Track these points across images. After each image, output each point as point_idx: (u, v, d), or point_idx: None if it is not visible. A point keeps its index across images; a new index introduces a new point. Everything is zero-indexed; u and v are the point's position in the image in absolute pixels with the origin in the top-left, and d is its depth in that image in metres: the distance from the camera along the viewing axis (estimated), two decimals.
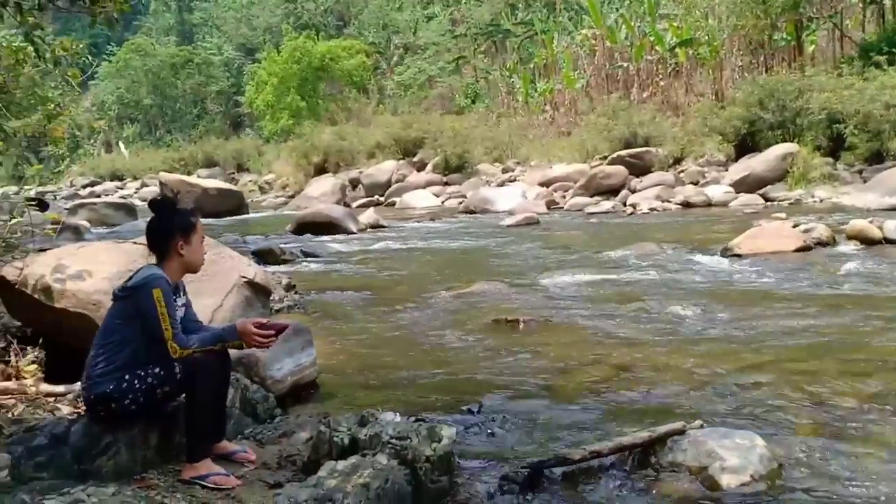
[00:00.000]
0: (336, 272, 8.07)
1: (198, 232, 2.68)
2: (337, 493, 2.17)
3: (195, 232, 2.66)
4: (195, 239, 2.66)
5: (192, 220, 2.69)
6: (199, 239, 2.69)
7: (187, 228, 2.65)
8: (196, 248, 2.68)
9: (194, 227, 2.67)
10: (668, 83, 23.09)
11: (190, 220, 2.68)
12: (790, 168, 13.67)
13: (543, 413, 3.34)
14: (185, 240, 2.64)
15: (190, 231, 2.65)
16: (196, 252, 2.68)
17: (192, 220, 2.69)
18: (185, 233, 2.64)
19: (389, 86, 34.78)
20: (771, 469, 2.60)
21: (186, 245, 2.64)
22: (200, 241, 2.70)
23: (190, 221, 2.68)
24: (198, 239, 2.68)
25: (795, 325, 4.69)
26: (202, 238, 2.72)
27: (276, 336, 2.66)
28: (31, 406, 3.08)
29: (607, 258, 7.98)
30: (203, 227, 2.75)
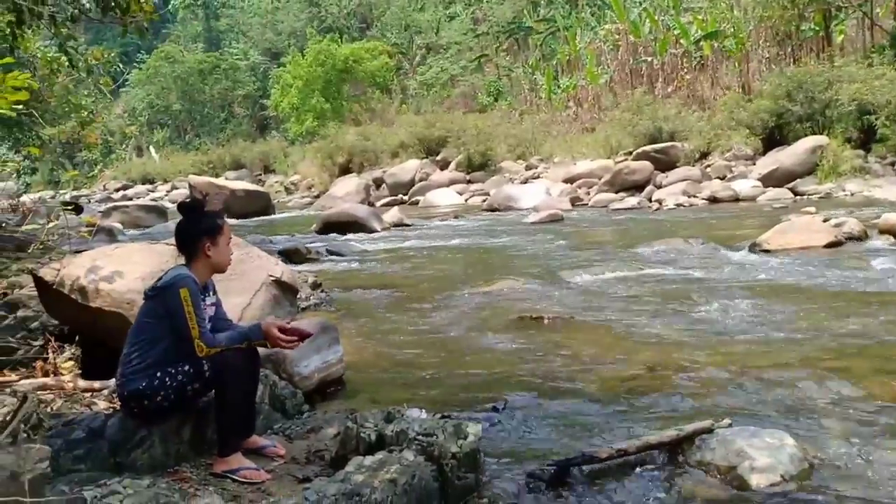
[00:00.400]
0: (361, 271, 8.12)
1: (224, 234, 2.72)
2: (365, 488, 2.19)
3: (221, 234, 2.71)
4: (221, 240, 2.71)
5: (219, 222, 2.74)
6: (225, 240, 2.73)
7: (214, 231, 2.70)
8: (222, 249, 2.72)
9: (221, 228, 2.72)
10: (693, 77, 22.83)
11: (216, 223, 2.73)
12: (820, 161, 13.44)
13: (569, 411, 3.32)
14: (212, 241, 2.69)
15: (216, 233, 2.70)
16: (222, 253, 2.72)
17: (218, 222, 2.74)
18: (212, 235, 2.69)
19: (412, 85, 34.87)
20: (802, 469, 2.55)
21: (213, 247, 2.69)
22: (227, 243, 2.74)
23: (216, 224, 2.73)
24: (224, 240, 2.72)
25: (826, 323, 4.60)
26: (229, 239, 2.76)
27: (301, 341, 2.70)
28: (68, 401, 3.17)
29: (633, 255, 7.92)
30: (230, 228, 2.80)
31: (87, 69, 8.55)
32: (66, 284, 3.70)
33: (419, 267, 8.13)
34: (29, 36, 6.84)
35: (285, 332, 2.64)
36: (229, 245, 2.76)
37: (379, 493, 2.18)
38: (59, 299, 3.78)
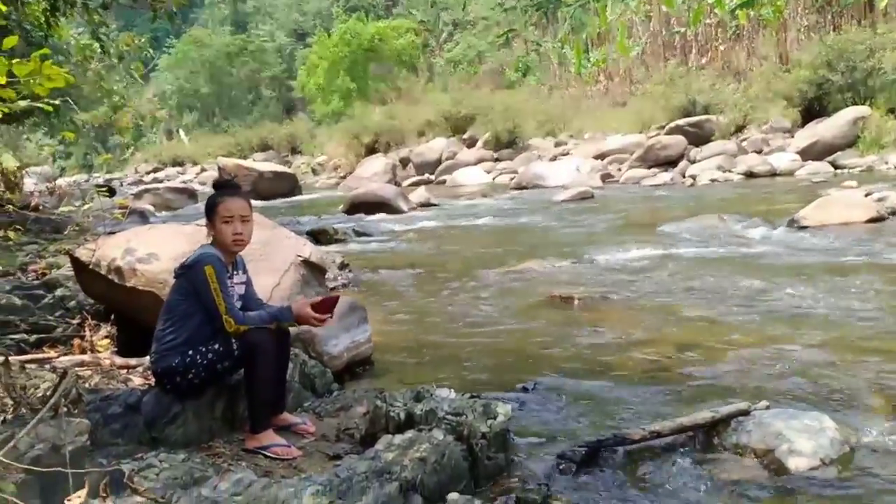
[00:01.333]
0: (388, 251, 8.12)
1: (218, 213, 2.63)
2: (394, 465, 2.19)
3: (215, 213, 2.64)
4: (216, 220, 2.64)
5: (215, 200, 2.66)
6: (220, 220, 2.63)
7: (208, 210, 2.67)
8: (218, 227, 2.64)
9: (214, 207, 2.65)
10: (728, 47, 22.27)
11: (211, 203, 2.67)
12: (861, 133, 13.05)
13: (600, 392, 3.25)
14: (210, 221, 2.67)
15: (210, 213, 2.66)
16: (220, 232, 2.64)
17: (214, 200, 2.66)
18: (208, 215, 2.67)
19: (439, 63, 34.63)
20: (843, 453, 2.47)
21: (212, 226, 2.67)
22: (222, 221, 2.63)
23: (212, 202, 2.67)
24: (219, 220, 2.63)
25: (868, 302, 4.45)
26: (226, 219, 2.63)
27: (331, 312, 2.69)
28: (105, 377, 3.24)
29: (665, 232, 7.78)
30: (238, 206, 2.66)
31: (118, 55, 8.71)
32: (101, 264, 3.79)
33: (446, 247, 8.10)
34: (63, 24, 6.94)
35: (315, 309, 2.63)
36: (229, 223, 2.63)
37: (409, 472, 2.18)
38: (95, 279, 3.87)
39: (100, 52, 8.38)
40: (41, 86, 1.87)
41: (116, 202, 6.99)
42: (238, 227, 2.65)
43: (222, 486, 1.92)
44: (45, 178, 15.86)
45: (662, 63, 22.84)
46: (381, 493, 2.05)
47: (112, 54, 8.45)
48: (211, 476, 2.01)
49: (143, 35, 11.12)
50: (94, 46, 8.29)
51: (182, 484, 1.90)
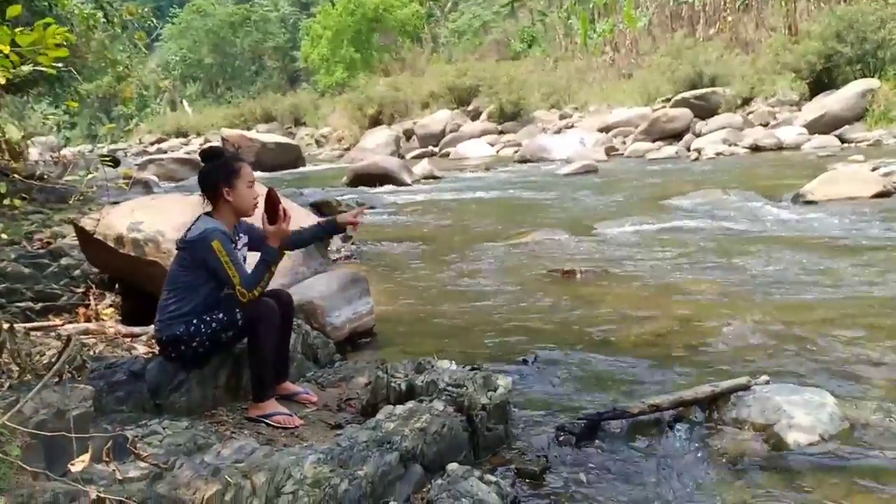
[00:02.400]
0: (391, 223, 8.12)
1: (242, 177, 2.67)
2: (395, 435, 2.22)
3: (238, 177, 2.67)
4: (240, 184, 2.67)
5: (235, 165, 2.70)
6: (244, 184, 2.67)
7: (230, 174, 2.67)
8: (242, 192, 2.67)
9: (237, 172, 2.67)
10: (736, 18, 21.92)
11: (233, 166, 2.69)
12: (870, 106, 12.89)
13: (601, 365, 3.27)
14: (230, 185, 2.67)
15: (233, 177, 2.67)
16: (243, 196, 2.68)
17: (234, 165, 2.69)
18: (228, 179, 2.67)
19: (443, 33, 34.23)
20: (842, 429, 2.47)
21: (232, 191, 2.67)
22: (247, 186, 2.68)
23: (232, 167, 2.69)
24: (243, 184, 2.67)
25: (872, 278, 4.43)
26: (250, 183, 2.69)
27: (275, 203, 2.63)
28: (109, 345, 3.28)
29: (669, 206, 7.75)
30: (251, 172, 2.73)
31: (122, 25, 8.64)
32: (105, 234, 3.82)
33: (449, 219, 8.10)
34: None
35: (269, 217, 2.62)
36: (251, 188, 2.70)
37: (409, 442, 2.21)
38: (99, 248, 3.90)
39: (103, 21, 8.32)
40: (46, 55, 1.86)
41: (121, 172, 6.99)
42: (255, 191, 2.69)
43: (225, 452, 1.95)
44: (49, 147, 15.85)
45: (669, 34, 22.55)
46: (382, 462, 2.07)
47: (116, 24, 8.39)
48: (214, 443, 2.04)
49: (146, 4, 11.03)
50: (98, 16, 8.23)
51: (185, 450, 1.94)
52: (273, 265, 2.63)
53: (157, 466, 1.74)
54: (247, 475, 1.82)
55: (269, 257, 2.63)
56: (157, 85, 32.76)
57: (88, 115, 42.44)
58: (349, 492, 1.92)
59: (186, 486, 1.72)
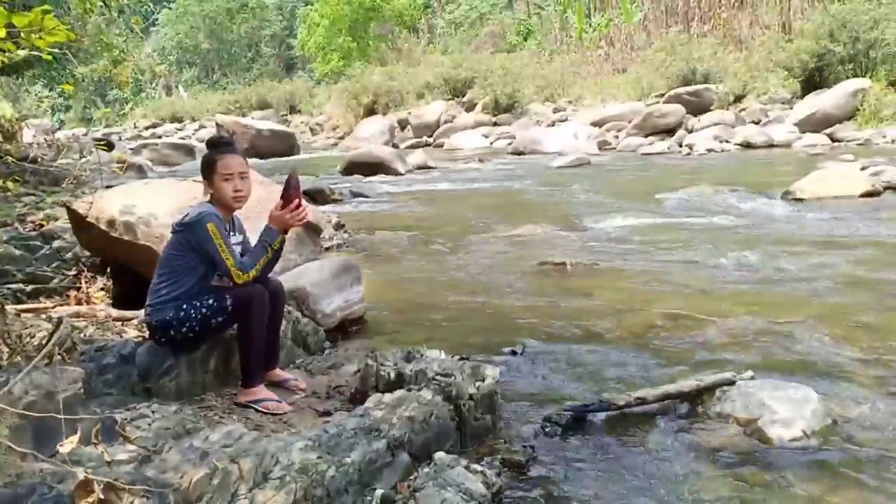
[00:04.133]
0: (384, 212, 8.12)
1: (217, 170, 2.64)
2: (383, 423, 2.24)
3: (214, 171, 2.64)
4: (215, 178, 2.64)
5: (212, 157, 2.66)
6: (220, 177, 2.64)
7: (206, 168, 2.67)
8: (218, 185, 2.64)
9: (212, 165, 2.65)
10: (730, 15, 21.96)
11: (209, 159, 2.67)
12: (861, 105, 12.95)
13: (589, 357, 3.29)
14: (208, 179, 2.67)
15: (209, 170, 2.66)
16: (219, 189, 2.65)
17: (211, 158, 2.67)
18: (206, 173, 2.67)
19: (440, 24, 34.11)
20: (824, 425, 2.49)
21: (210, 185, 2.67)
22: (222, 179, 2.64)
23: (209, 160, 2.67)
24: (219, 177, 2.64)
25: (859, 276, 4.47)
26: (226, 176, 2.64)
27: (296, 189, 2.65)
28: (100, 329, 3.28)
29: (660, 201, 7.78)
30: (235, 163, 2.66)
31: (118, 8, 8.59)
32: (98, 217, 3.82)
33: (442, 210, 8.10)
34: None
35: (284, 202, 2.63)
36: (229, 181, 2.64)
37: (397, 430, 2.23)
38: (92, 232, 3.90)
39: (100, 5, 8.27)
40: (42, 39, 1.86)
41: (115, 156, 6.98)
42: (238, 183, 2.66)
43: (213, 437, 1.97)
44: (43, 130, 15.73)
45: (664, 29, 22.54)
46: (369, 449, 2.09)
47: (112, 7, 8.34)
48: (202, 428, 2.05)
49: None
50: None
51: (173, 434, 1.95)
52: (270, 248, 2.63)
53: (146, 449, 1.75)
54: (234, 460, 1.83)
55: (267, 240, 2.63)
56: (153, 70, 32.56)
57: (83, 99, 42.13)
58: (336, 478, 1.93)
59: (174, 470, 1.73)
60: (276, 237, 2.65)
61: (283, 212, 2.63)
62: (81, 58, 10.75)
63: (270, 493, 1.79)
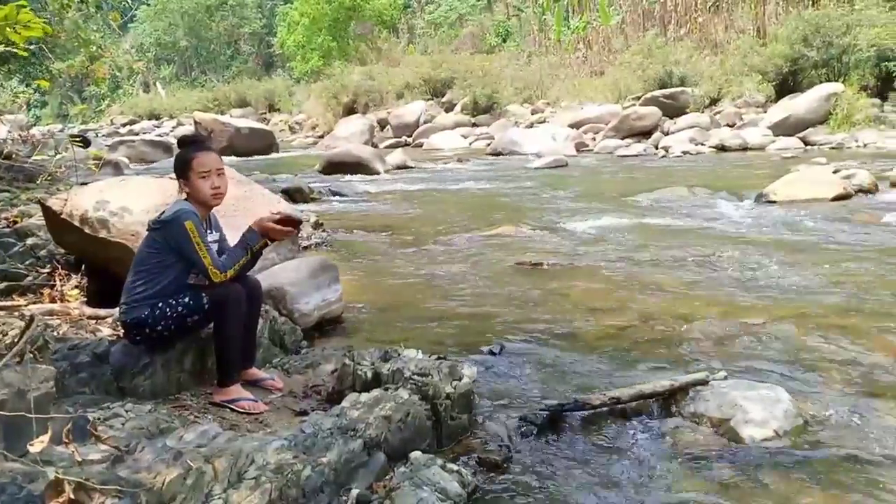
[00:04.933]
0: (363, 212, 8.10)
1: (193, 168, 2.62)
2: (359, 423, 2.23)
3: (190, 168, 2.63)
4: (192, 175, 2.63)
5: (188, 156, 2.65)
6: (196, 175, 2.63)
7: (182, 166, 2.65)
8: (194, 183, 2.63)
9: (188, 163, 2.63)
10: (706, 19, 22.22)
11: (184, 158, 2.65)
12: (833, 110, 13.17)
13: (565, 357, 3.31)
14: (183, 177, 2.66)
15: (184, 168, 2.64)
16: (196, 188, 2.63)
17: (186, 156, 2.65)
18: (181, 171, 2.66)
19: (420, 25, 34.11)
20: (796, 425, 2.53)
21: (186, 182, 2.66)
22: (199, 177, 2.63)
23: (184, 159, 2.65)
24: (195, 175, 2.63)
25: (830, 277, 4.54)
26: (202, 174, 2.63)
27: (294, 227, 2.70)
28: (74, 327, 3.23)
29: (636, 203, 7.86)
30: (212, 160, 2.66)
31: (96, 4, 8.49)
32: (72, 214, 3.78)
33: (421, 210, 8.10)
34: None
35: (278, 222, 2.66)
36: (206, 178, 2.63)
37: (373, 429, 2.23)
38: (66, 229, 3.86)
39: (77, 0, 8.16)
40: (18, 34, 1.83)
41: (91, 153, 6.89)
42: (215, 180, 2.66)
43: (187, 437, 1.95)
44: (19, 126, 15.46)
45: (641, 33, 22.75)
46: (345, 449, 2.09)
47: (90, 3, 8.23)
48: (177, 427, 2.03)
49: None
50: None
51: (147, 434, 1.93)
52: (251, 250, 2.62)
53: (118, 449, 1.73)
54: (209, 460, 1.82)
55: (249, 242, 2.63)
56: (131, 66, 32.16)
57: (60, 95, 41.48)
58: (312, 478, 1.93)
59: (147, 470, 1.72)
60: (258, 240, 2.64)
61: (272, 224, 2.63)
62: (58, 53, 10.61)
63: (245, 493, 1.78)
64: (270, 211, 2.76)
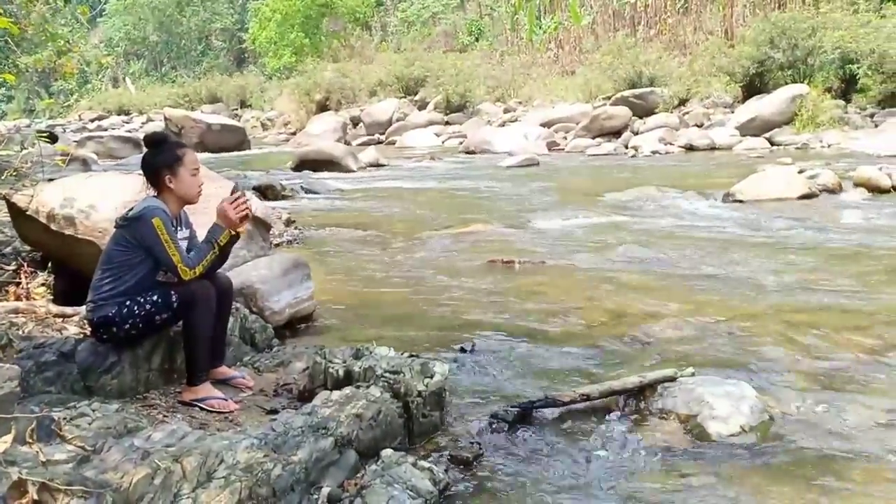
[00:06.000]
0: (335, 209, 8.06)
1: (185, 164, 2.64)
2: (331, 421, 2.23)
3: (181, 164, 2.64)
4: (182, 171, 2.64)
5: (178, 153, 2.66)
6: (187, 171, 2.65)
7: (172, 162, 2.64)
8: (185, 179, 2.65)
9: (180, 159, 2.64)
10: (676, 20, 22.50)
11: (175, 154, 2.66)
12: (799, 111, 13.40)
13: (536, 354, 3.34)
14: (172, 173, 2.64)
15: (175, 164, 2.63)
16: (186, 184, 2.65)
17: (177, 153, 2.66)
18: (171, 166, 2.63)
19: (392, 22, 33.98)
20: (761, 421, 2.57)
21: (174, 178, 2.64)
22: (190, 174, 2.66)
23: (175, 154, 2.65)
24: (186, 171, 2.65)
25: (795, 275, 4.63)
26: (193, 170, 2.67)
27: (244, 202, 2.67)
28: (40, 325, 3.17)
29: (606, 202, 7.93)
30: (196, 159, 2.70)
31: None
32: (38, 211, 3.73)
33: (393, 208, 8.09)
34: None
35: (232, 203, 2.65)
36: (196, 175, 2.67)
37: (344, 427, 2.23)
38: (32, 225, 3.80)
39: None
40: None
41: (58, 149, 6.76)
42: (199, 178, 2.67)
43: (156, 436, 1.93)
44: None
45: (612, 33, 22.98)
46: (316, 447, 2.08)
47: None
48: (145, 427, 2.01)
49: None
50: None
51: (114, 434, 1.90)
52: (217, 244, 2.60)
53: (84, 449, 1.71)
54: (177, 459, 1.80)
55: (214, 236, 2.61)
56: (100, 61, 31.57)
57: (26, 89, 40.51)
58: (282, 477, 1.92)
59: (114, 470, 1.69)
60: (221, 233, 2.62)
61: (224, 204, 2.62)
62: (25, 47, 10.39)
63: (214, 492, 1.77)
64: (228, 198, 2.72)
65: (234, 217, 2.62)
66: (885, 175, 7.75)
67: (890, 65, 12.88)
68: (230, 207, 2.62)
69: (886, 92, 13.18)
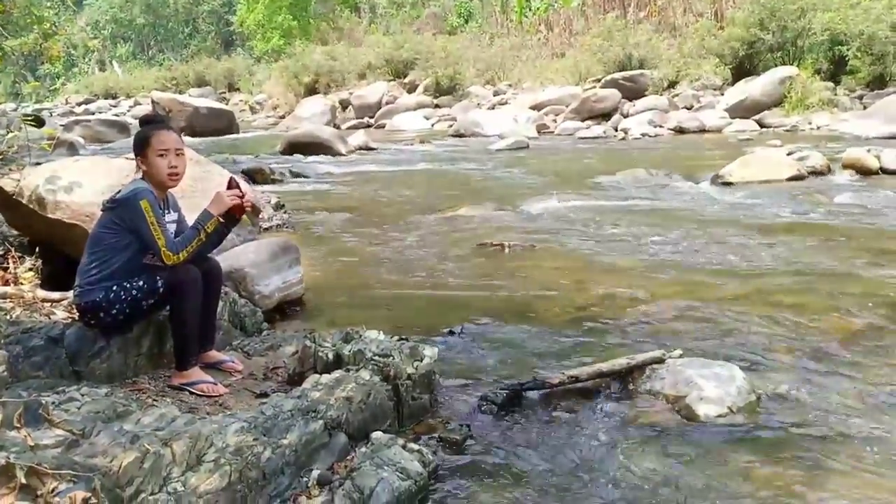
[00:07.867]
0: (324, 193, 8.03)
1: (152, 145, 2.58)
2: (320, 404, 2.23)
3: (148, 146, 2.58)
4: (150, 153, 2.58)
5: (147, 133, 2.61)
6: (154, 153, 2.58)
7: (140, 145, 2.61)
8: (152, 161, 2.58)
9: (147, 142, 2.59)
10: (666, 3, 22.42)
11: (143, 136, 2.61)
12: (788, 93, 13.43)
13: (525, 337, 3.35)
14: (142, 156, 2.61)
15: (143, 147, 2.59)
16: (154, 167, 2.59)
17: (145, 133, 2.61)
18: (140, 149, 2.61)
19: (381, 4, 33.66)
20: (749, 401, 2.59)
21: (144, 160, 2.61)
22: (157, 155, 2.58)
23: (142, 137, 2.61)
24: (153, 153, 2.58)
25: (783, 257, 4.66)
26: (161, 151, 2.58)
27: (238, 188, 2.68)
28: (28, 310, 3.16)
29: (596, 184, 7.94)
30: (171, 139, 2.62)
31: None
32: (25, 195, 3.71)
33: (382, 191, 8.07)
34: None
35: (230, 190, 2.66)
36: (165, 157, 2.58)
37: (334, 410, 2.23)
38: (19, 210, 3.79)
39: None
40: None
41: (44, 133, 6.69)
42: (173, 160, 2.61)
43: (145, 420, 1.93)
44: None
45: (602, 15, 22.86)
46: (306, 430, 2.09)
47: None
48: (134, 411, 2.00)
49: None
50: None
51: (103, 418, 1.89)
52: (203, 231, 2.57)
53: (73, 433, 1.71)
54: (167, 443, 1.80)
55: (201, 222, 2.58)
56: (86, 44, 31.11)
57: (12, 73, 39.90)
58: (272, 460, 1.93)
59: (103, 454, 1.69)
60: (209, 219, 2.59)
61: (225, 199, 2.60)
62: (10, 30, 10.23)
63: (204, 475, 1.77)
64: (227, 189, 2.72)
65: (228, 202, 2.60)
66: (874, 157, 7.79)
67: (879, 46, 12.91)
68: (225, 193, 2.61)
69: (875, 73, 13.22)
